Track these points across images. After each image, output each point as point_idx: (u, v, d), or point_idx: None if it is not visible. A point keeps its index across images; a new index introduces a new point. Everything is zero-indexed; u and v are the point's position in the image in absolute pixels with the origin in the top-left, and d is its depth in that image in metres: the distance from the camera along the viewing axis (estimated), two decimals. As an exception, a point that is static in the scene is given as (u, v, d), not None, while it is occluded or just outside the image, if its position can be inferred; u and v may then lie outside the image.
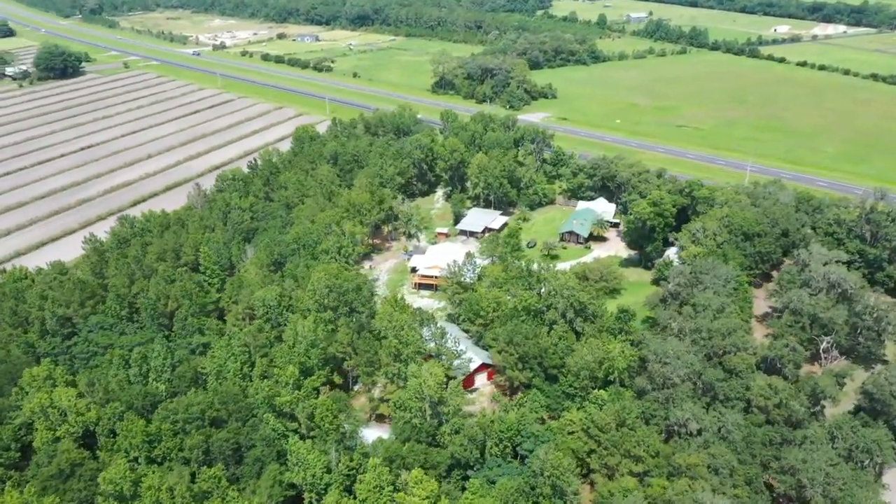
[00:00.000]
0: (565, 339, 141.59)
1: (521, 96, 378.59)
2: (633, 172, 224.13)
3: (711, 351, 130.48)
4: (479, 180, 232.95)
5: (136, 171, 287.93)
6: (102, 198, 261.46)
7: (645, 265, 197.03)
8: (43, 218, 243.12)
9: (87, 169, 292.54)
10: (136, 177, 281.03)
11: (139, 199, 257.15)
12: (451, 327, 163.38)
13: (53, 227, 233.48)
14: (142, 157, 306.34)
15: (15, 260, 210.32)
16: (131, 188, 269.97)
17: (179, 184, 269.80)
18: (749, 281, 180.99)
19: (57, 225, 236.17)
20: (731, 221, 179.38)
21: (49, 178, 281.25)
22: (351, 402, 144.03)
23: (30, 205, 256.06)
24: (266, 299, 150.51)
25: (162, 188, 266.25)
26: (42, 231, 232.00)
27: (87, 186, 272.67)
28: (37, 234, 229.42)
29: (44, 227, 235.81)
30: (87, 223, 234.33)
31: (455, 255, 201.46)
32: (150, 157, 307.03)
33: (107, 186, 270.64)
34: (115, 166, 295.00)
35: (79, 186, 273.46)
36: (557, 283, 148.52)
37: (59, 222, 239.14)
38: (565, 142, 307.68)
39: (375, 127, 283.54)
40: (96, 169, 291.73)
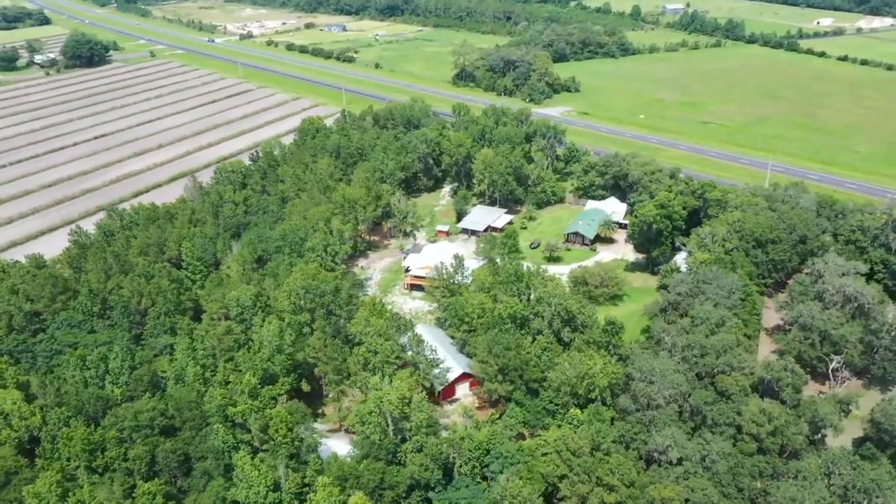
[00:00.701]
0: (549, 351, 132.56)
1: (543, 89, 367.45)
2: (646, 171, 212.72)
3: (703, 370, 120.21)
4: (484, 177, 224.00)
5: (145, 161, 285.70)
6: (107, 188, 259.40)
7: (652, 270, 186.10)
8: (45, 207, 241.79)
9: (97, 158, 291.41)
10: (144, 167, 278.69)
11: (143, 189, 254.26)
12: (437, 332, 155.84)
13: (53, 218, 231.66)
14: (152, 146, 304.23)
15: (11, 250, 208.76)
16: (137, 178, 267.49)
17: (185, 174, 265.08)
18: (761, 290, 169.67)
19: (57, 215, 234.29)
20: (742, 226, 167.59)
21: (59, 167, 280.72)
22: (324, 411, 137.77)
23: (35, 193, 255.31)
24: (240, 299, 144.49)
25: (167, 179, 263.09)
26: (42, 221, 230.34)
27: (94, 176, 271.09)
28: (36, 224, 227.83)
29: (44, 216, 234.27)
30: (86, 213, 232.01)
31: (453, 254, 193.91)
32: (160, 146, 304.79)
33: (113, 176, 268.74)
34: (124, 156, 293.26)
35: (86, 175, 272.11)
36: (545, 289, 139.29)
37: (60, 212, 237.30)
38: (584, 137, 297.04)
39: (385, 120, 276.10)
40: (106, 158, 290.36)
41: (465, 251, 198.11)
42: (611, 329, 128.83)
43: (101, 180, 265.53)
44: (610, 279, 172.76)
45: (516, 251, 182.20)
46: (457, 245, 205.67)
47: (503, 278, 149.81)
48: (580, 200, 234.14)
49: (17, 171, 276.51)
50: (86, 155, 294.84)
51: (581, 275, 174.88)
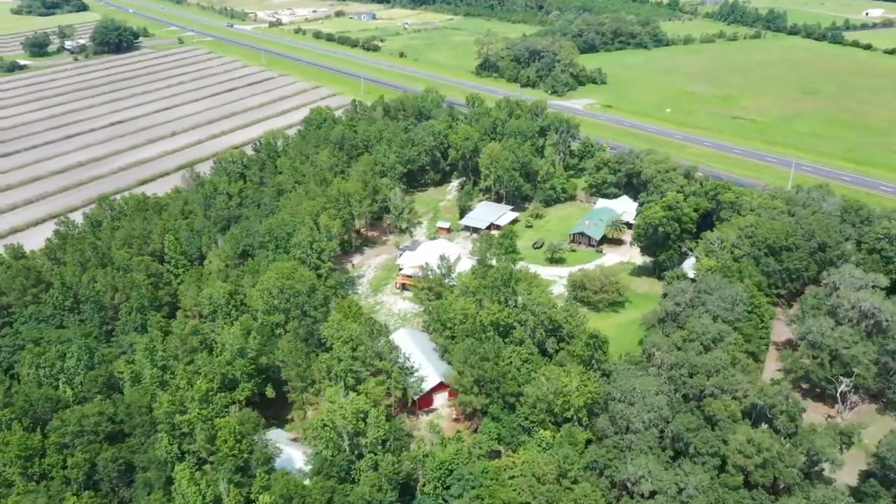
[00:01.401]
0: (530, 363, 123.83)
1: (567, 81, 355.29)
2: (659, 169, 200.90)
3: (691, 391, 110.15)
4: (490, 172, 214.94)
5: (156, 149, 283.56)
6: (115, 175, 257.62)
7: (659, 275, 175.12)
8: (52, 194, 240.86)
9: (110, 145, 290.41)
10: (154, 155, 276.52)
11: (149, 178, 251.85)
12: (421, 337, 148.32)
13: (57, 205, 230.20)
14: (166, 134, 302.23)
15: (11, 237, 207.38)
16: (145, 166, 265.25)
17: (193, 163, 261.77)
18: (774, 302, 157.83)
19: (62, 202, 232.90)
20: (754, 232, 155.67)
21: (71, 153, 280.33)
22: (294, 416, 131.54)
23: (45, 179, 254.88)
24: (213, 297, 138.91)
25: (174, 168, 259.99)
26: (46, 208, 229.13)
27: (105, 163, 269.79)
28: (40, 211, 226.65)
29: (49, 203, 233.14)
30: (89, 201, 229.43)
31: (448, 253, 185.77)
32: (173, 134, 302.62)
33: (122, 163, 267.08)
34: (137, 143, 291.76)
35: (97, 162, 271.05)
36: (529, 296, 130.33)
37: (66, 199, 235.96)
38: (605, 131, 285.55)
39: (395, 110, 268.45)
40: (119, 145, 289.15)
41: (465, 250, 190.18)
42: (593, 343, 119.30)
43: (109, 168, 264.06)
44: (610, 284, 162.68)
45: (513, 252, 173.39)
46: (457, 243, 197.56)
47: (488, 282, 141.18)
48: (591, 198, 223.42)
49: (30, 157, 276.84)
50: (99, 141, 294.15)
51: (580, 279, 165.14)
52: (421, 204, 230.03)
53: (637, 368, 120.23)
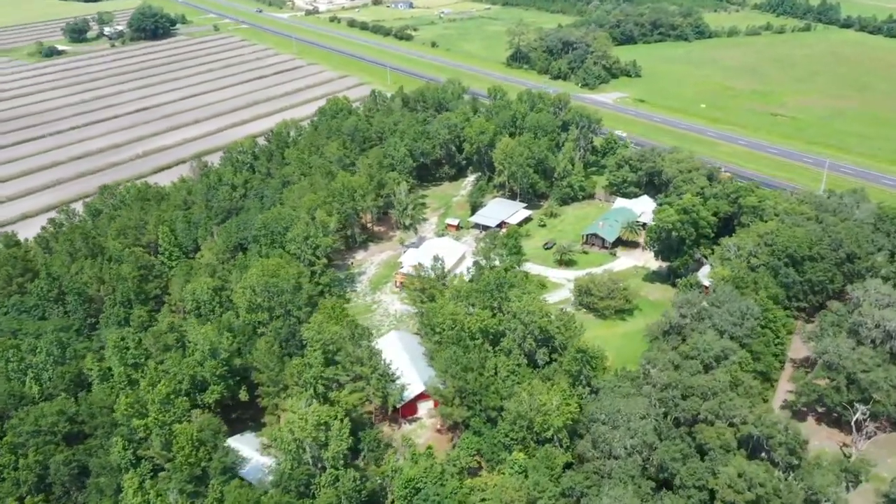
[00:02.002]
0: (516, 375, 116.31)
1: (599, 73, 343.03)
2: (681, 169, 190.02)
3: (683, 415, 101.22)
4: (504, 167, 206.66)
5: (176, 137, 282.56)
6: (132, 162, 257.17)
7: (673, 282, 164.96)
8: (68, 180, 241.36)
9: (132, 131, 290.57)
10: (174, 142, 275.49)
11: (165, 166, 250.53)
12: (412, 341, 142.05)
13: (71, 191, 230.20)
14: (189, 121, 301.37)
15: (21, 223, 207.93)
16: (164, 154, 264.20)
17: (210, 152, 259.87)
18: (794, 315, 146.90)
19: (76, 189, 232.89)
20: (774, 240, 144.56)
21: (93, 139, 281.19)
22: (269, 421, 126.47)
23: (63, 165, 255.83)
24: (197, 292, 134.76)
25: (191, 156, 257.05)
26: (60, 194, 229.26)
27: (124, 150, 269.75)
28: (54, 197, 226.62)
29: (63, 189, 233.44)
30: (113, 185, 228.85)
31: (452, 251, 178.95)
32: (196, 122, 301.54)
33: (141, 151, 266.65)
34: (159, 130, 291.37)
35: (118, 149, 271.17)
36: (519, 302, 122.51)
37: (80, 186, 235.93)
38: (633, 127, 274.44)
39: (415, 101, 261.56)
40: (141, 132, 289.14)
41: (471, 248, 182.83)
42: (581, 357, 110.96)
43: (128, 155, 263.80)
44: (617, 290, 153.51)
45: (518, 252, 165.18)
46: (463, 241, 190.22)
47: (480, 286, 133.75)
48: (611, 198, 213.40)
49: (53, 143, 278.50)
50: (123, 128, 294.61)
51: (586, 284, 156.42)
52: (434, 199, 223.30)
53: (632, 385, 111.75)
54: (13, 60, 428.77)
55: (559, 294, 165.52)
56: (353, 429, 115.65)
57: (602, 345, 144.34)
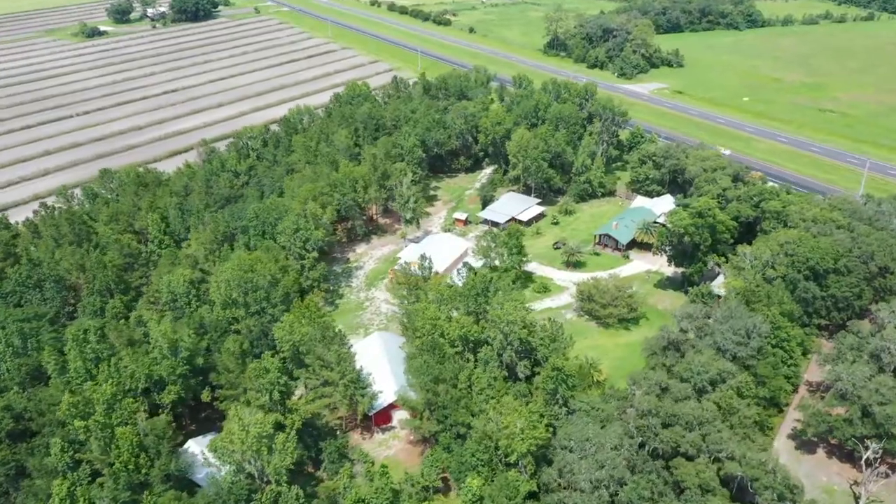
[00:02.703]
0: (491, 389, 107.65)
1: (637, 63, 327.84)
2: (705, 167, 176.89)
3: (661, 447, 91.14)
4: (518, 160, 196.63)
5: (198, 120, 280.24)
6: (149, 145, 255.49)
7: (687, 290, 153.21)
8: (84, 161, 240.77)
9: (155, 114, 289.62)
10: (193, 126, 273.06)
11: (180, 149, 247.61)
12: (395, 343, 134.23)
13: (85, 173, 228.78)
14: (212, 105, 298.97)
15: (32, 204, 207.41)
16: (182, 137, 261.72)
17: (227, 137, 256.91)
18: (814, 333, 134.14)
19: (91, 170, 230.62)
20: (795, 250, 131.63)
21: (116, 121, 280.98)
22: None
23: (83, 146, 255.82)
24: (172, 285, 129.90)
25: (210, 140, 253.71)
26: (74, 175, 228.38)
27: (144, 132, 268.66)
28: (67, 178, 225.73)
29: (78, 171, 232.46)
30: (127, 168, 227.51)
31: (454, 248, 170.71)
32: (220, 105, 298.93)
33: (160, 134, 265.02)
34: (181, 113, 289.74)
35: (137, 131, 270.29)
36: (500, 310, 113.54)
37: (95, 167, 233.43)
38: (666, 120, 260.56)
39: (436, 89, 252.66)
40: (163, 115, 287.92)
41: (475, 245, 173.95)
42: (556, 376, 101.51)
43: (146, 137, 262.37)
44: (621, 298, 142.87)
45: (519, 253, 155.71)
46: (468, 238, 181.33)
47: (464, 289, 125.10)
48: (632, 195, 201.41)
49: (77, 123, 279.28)
50: (147, 110, 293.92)
51: (587, 289, 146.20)
52: (447, 191, 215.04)
53: (617, 407, 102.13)
54: (57, 40, 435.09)
55: (561, 298, 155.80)
56: (316, 437, 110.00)
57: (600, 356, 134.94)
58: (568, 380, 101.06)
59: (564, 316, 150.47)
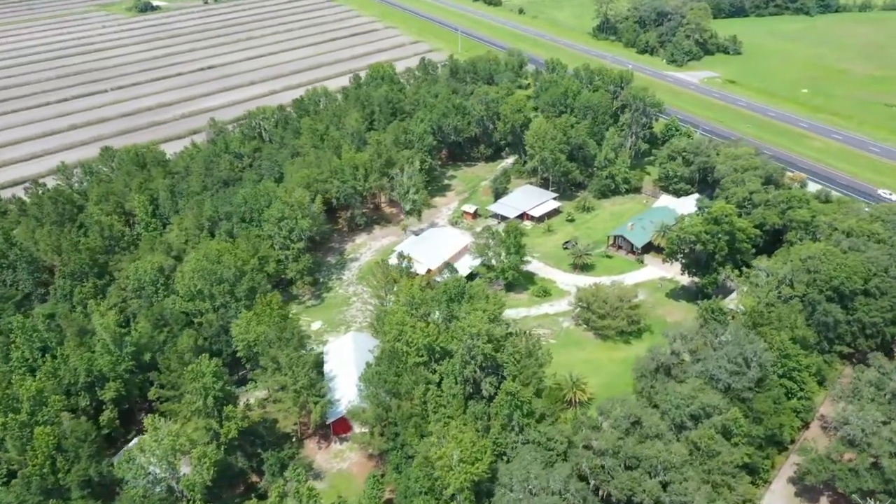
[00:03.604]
0: (448, 409, 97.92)
1: (690, 49, 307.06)
2: (736, 167, 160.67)
3: (616, 493, 79.56)
4: (535, 151, 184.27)
5: (225, 98, 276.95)
6: (174, 123, 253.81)
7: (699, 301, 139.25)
8: (108, 136, 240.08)
9: (186, 90, 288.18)
10: (220, 104, 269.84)
11: (201, 128, 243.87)
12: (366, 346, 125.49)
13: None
14: (244, 83, 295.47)
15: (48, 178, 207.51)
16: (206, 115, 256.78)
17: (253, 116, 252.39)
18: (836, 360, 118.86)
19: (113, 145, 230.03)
20: (818, 266, 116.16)
21: (147, 97, 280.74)
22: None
23: (111, 121, 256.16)
24: (139, 273, 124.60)
25: (230, 119, 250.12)
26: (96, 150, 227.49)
27: (170, 109, 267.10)
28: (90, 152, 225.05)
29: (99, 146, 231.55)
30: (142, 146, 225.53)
31: (454, 243, 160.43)
32: (251, 83, 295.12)
33: (186, 111, 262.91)
34: (212, 90, 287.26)
35: (165, 108, 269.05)
36: (463, 321, 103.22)
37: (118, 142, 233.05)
38: (711, 111, 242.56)
39: (464, 72, 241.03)
40: (192, 92, 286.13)
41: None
42: (509, 401, 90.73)
43: (172, 114, 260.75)
44: (622, 309, 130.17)
45: (517, 252, 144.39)
46: (461, 233, 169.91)
47: (436, 294, 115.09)
48: (658, 193, 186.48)
49: (110, 98, 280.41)
50: (178, 87, 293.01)
51: (587, 296, 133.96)
52: (462, 181, 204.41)
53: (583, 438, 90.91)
54: (110, 14, 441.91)
55: (562, 304, 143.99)
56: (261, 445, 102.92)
57: (592, 372, 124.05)
58: (523, 406, 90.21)
59: (561, 324, 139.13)
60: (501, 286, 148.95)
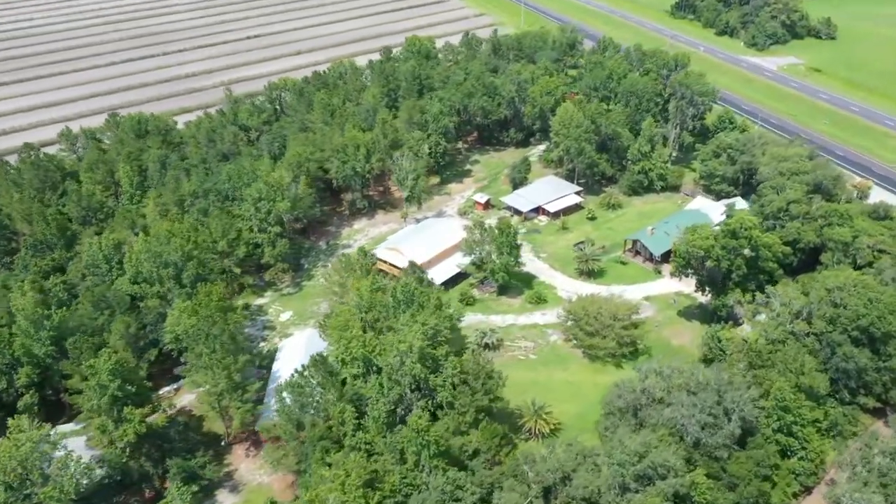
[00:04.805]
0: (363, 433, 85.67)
1: (774, 31, 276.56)
2: (782, 169, 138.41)
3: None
4: (560, 139, 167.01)
5: (266, 68, 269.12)
6: (210, 90, 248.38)
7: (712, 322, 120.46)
8: (141, 102, 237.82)
9: (230, 58, 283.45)
10: (258, 73, 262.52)
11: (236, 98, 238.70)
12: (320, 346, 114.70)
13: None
14: (289, 53, 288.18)
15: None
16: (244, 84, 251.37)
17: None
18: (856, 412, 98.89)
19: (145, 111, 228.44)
20: (845, 300, 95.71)
21: (190, 63, 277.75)
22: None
23: (148, 87, 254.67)
24: (92, 250, 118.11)
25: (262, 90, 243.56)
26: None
27: (211, 76, 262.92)
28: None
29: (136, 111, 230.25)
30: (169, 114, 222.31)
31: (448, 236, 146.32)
32: (298, 53, 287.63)
33: (225, 79, 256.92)
34: (254, 59, 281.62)
35: (206, 75, 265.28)
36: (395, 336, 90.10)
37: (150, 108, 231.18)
38: (784, 103, 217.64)
39: (507, 49, 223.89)
40: (236, 60, 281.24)
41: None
42: (415, 439, 77.15)
43: (211, 82, 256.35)
44: (612, 328, 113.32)
45: (510, 253, 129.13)
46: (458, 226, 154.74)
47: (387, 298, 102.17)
48: (697, 193, 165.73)
49: (154, 63, 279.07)
50: (223, 54, 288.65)
51: (578, 309, 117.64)
52: (485, 167, 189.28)
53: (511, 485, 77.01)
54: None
55: (554, 314, 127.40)
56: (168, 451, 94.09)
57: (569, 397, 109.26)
58: (430, 446, 76.62)
59: (549, 337, 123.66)
60: (494, 288, 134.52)
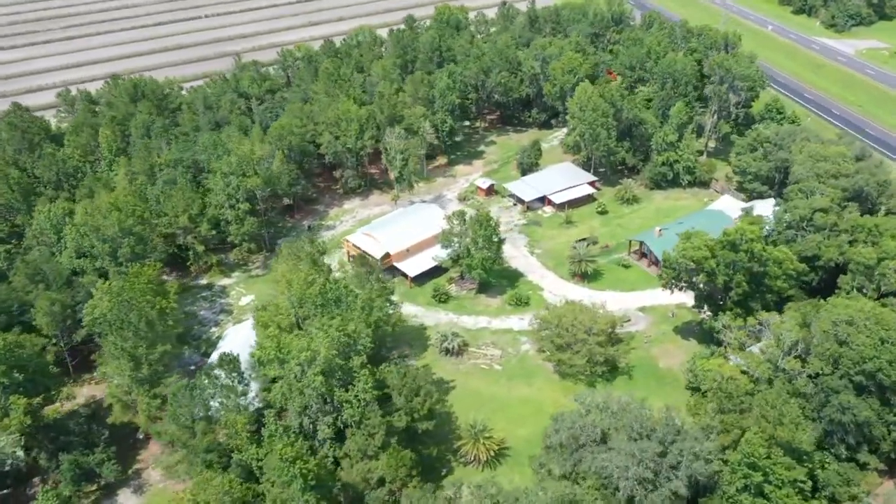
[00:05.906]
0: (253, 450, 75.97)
1: (858, 12, 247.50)
2: (819, 171, 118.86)
3: None
4: (576, 123, 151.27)
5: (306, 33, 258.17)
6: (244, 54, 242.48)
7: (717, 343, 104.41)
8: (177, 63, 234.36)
9: (273, 22, 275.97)
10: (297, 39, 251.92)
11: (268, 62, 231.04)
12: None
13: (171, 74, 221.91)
14: (332, 18, 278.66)
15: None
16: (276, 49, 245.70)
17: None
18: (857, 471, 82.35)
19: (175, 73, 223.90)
20: (852, 338, 78.65)
21: (232, 27, 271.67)
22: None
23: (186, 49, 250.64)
24: (40, 218, 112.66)
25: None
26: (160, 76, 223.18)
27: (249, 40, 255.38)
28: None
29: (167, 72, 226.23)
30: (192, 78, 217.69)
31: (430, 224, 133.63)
32: (340, 19, 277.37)
33: (262, 43, 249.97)
34: (296, 24, 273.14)
35: (244, 38, 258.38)
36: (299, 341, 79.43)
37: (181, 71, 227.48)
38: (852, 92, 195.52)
39: (545, 22, 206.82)
40: (278, 24, 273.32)
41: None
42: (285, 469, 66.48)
43: (247, 45, 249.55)
44: (585, 344, 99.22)
45: (489, 247, 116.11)
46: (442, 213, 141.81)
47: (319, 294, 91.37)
48: (727, 190, 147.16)
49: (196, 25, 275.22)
50: (266, 18, 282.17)
51: (550, 319, 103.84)
52: (502, 148, 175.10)
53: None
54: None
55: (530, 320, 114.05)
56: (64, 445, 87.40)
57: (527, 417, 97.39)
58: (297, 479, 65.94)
59: (521, 345, 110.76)
60: (474, 285, 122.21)
